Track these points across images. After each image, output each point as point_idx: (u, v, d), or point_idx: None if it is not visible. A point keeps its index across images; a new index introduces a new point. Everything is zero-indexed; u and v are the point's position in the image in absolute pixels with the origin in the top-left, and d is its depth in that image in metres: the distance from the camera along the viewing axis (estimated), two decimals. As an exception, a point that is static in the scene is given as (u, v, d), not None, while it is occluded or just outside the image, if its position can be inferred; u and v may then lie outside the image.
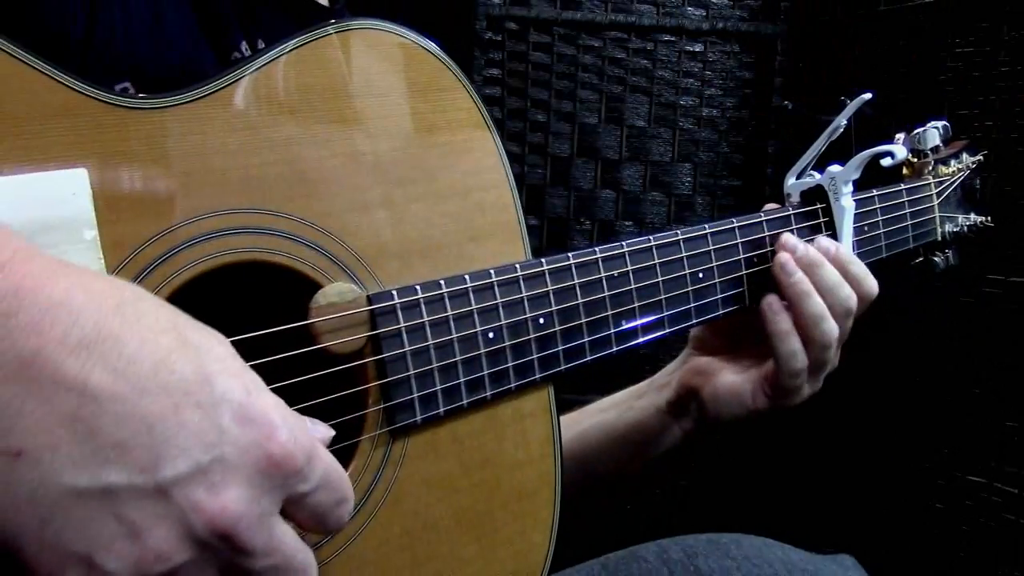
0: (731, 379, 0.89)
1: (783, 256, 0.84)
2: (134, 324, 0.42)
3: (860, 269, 0.87)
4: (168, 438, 0.41)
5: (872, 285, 0.87)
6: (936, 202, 1.03)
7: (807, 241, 0.86)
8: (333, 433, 0.53)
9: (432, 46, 0.69)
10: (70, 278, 0.41)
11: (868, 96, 0.88)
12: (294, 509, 0.47)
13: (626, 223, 1.82)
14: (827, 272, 0.84)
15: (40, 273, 0.40)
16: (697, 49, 1.80)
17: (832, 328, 0.83)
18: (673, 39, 1.79)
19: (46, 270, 0.41)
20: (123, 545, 0.40)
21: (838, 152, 0.91)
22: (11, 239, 0.41)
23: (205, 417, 0.42)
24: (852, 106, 0.88)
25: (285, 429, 0.45)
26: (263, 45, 0.77)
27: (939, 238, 1.04)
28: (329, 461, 0.49)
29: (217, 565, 0.43)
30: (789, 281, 0.83)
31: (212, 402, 0.42)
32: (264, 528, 0.44)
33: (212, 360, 0.43)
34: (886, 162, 0.91)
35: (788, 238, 0.85)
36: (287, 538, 0.46)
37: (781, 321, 0.83)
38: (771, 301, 0.84)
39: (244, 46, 0.76)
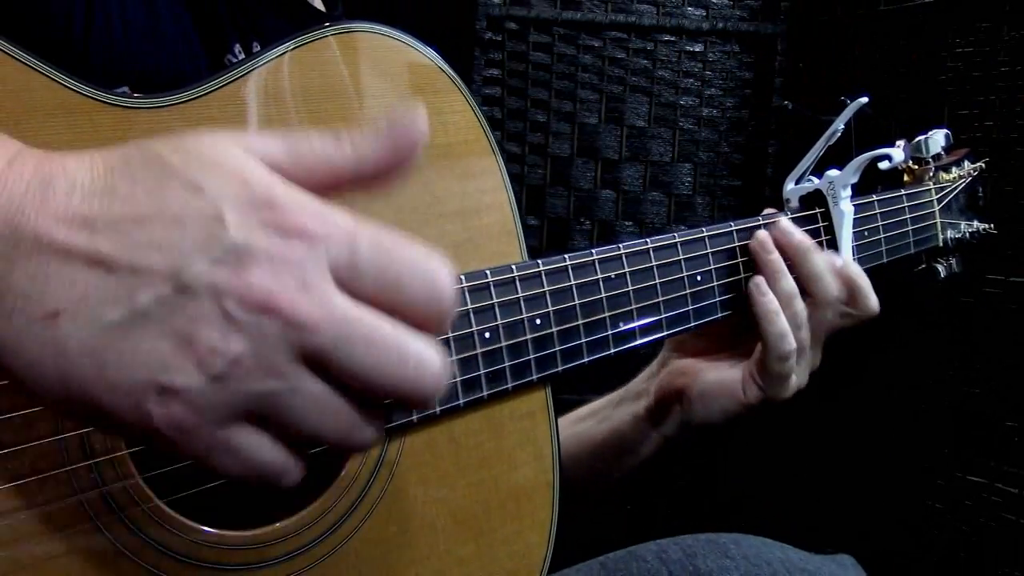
0: (719, 375, 0.88)
1: (762, 233, 0.85)
2: (123, 167, 0.43)
3: (866, 284, 0.87)
4: (176, 246, 0.41)
5: (872, 303, 0.87)
6: (937, 208, 1.03)
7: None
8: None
9: (428, 50, 0.69)
10: (66, 154, 0.44)
11: (864, 100, 0.88)
12: (355, 283, 0.43)
13: (626, 223, 1.82)
14: (814, 260, 0.84)
15: (40, 158, 0.43)
16: (697, 49, 1.80)
17: (802, 310, 0.84)
18: (673, 39, 1.79)
19: (45, 155, 0.44)
20: (178, 357, 0.41)
21: (838, 156, 0.91)
22: (12, 141, 0.44)
23: (206, 218, 0.42)
24: (848, 110, 0.88)
25: (291, 198, 0.43)
26: (258, 49, 0.77)
27: (941, 244, 1.04)
28: (364, 225, 0.44)
29: (282, 348, 0.42)
30: (766, 258, 0.84)
31: (209, 205, 0.42)
32: (311, 298, 0.42)
33: (198, 172, 0.43)
34: (884, 165, 0.91)
35: (786, 224, 0.86)
36: (357, 310, 0.43)
37: (768, 302, 0.83)
38: (758, 282, 0.84)
39: (238, 49, 0.76)
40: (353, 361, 0.43)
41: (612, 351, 0.76)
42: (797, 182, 0.92)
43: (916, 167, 1.03)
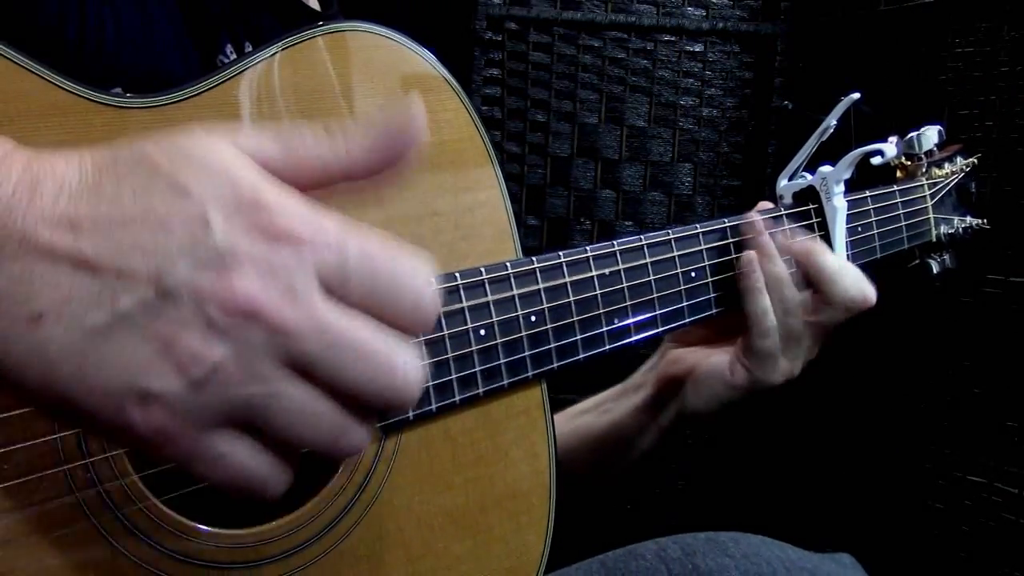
0: (711, 360, 0.89)
1: (754, 215, 0.86)
2: (108, 171, 0.43)
3: (858, 275, 0.88)
4: (160, 250, 0.41)
5: (870, 293, 0.88)
6: (930, 203, 1.03)
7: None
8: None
9: (421, 49, 0.70)
10: (56, 154, 0.43)
11: (856, 96, 0.88)
12: (342, 289, 0.43)
13: (626, 223, 1.82)
14: (822, 261, 0.85)
15: (30, 158, 0.43)
16: (697, 49, 1.80)
17: (794, 296, 0.84)
18: (673, 39, 1.79)
19: (35, 154, 0.43)
20: (159, 361, 0.40)
21: (839, 154, 0.91)
22: (2, 140, 0.44)
23: (191, 221, 0.41)
24: (840, 107, 0.88)
25: (278, 203, 0.43)
26: (250, 49, 0.77)
27: (934, 239, 1.04)
28: (353, 231, 0.44)
29: (265, 354, 0.41)
30: (758, 240, 0.85)
31: (193, 207, 0.42)
32: (298, 303, 0.41)
33: (184, 174, 0.43)
34: (876, 160, 0.91)
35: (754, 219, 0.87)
36: (344, 317, 0.43)
37: (756, 279, 0.84)
38: (751, 257, 0.85)
39: (229, 49, 0.76)
40: (340, 368, 0.42)
41: (607, 348, 0.77)
42: (790, 178, 0.93)
43: (909, 163, 1.03)
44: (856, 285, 0.86)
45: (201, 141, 0.44)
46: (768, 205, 0.92)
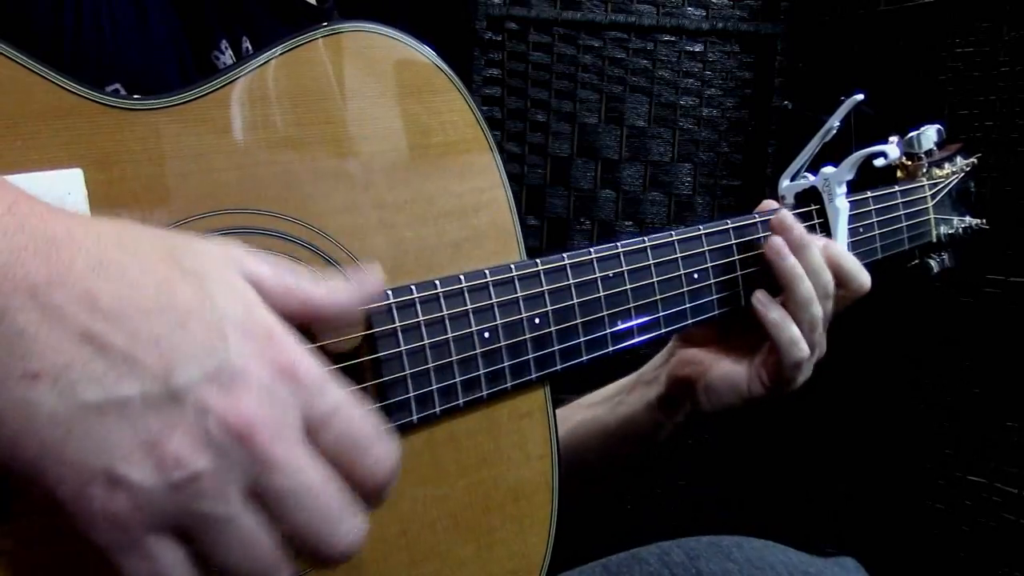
0: (726, 368, 0.88)
1: (777, 241, 0.84)
2: (134, 253, 0.43)
3: (852, 263, 0.87)
4: (176, 348, 0.42)
5: (864, 280, 0.87)
6: (930, 204, 1.03)
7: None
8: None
9: (425, 48, 0.69)
10: (71, 217, 0.44)
11: (860, 97, 0.88)
12: (319, 436, 0.46)
13: (626, 223, 1.82)
14: (812, 254, 0.84)
15: (43, 213, 0.43)
16: (697, 49, 1.80)
17: (819, 311, 0.83)
18: (673, 39, 1.79)
19: (48, 210, 0.43)
20: (143, 454, 0.41)
21: (838, 154, 0.91)
22: (10, 186, 0.44)
23: (210, 330, 0.43)
24: (844, 107, 0.88)
25: (290, 342, 0.46)
26: (248, 45, 0.77)
27: (934, 240, 1.04)
28: (346, 391, 0.48)
29: (240, 478, 0.43)
30: (784, 264, 0.83)
31: (215, 318, 0.43)
32: (284, 439, 0.43)
33: (212, 282, 0.44)
34: (879, 162, 0.91)
35: (784, 216, 0.85)
36: (316, 464, 0.45)
37: (773, 311, 0.83)
38: (759, 296, 0.84)
39: (225, 45, 0.76)
40: (296, 510, 0.44)
41: (610, 350, 0.76)
42: (793, 179, 0.93)
43: (909, 163, 1.03)
44: (863, 275, 0.86)
45: (220, 258, 0.46)
46: (772, 204, 0.92)
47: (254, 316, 0.45)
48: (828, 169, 0.90)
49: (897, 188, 1.00)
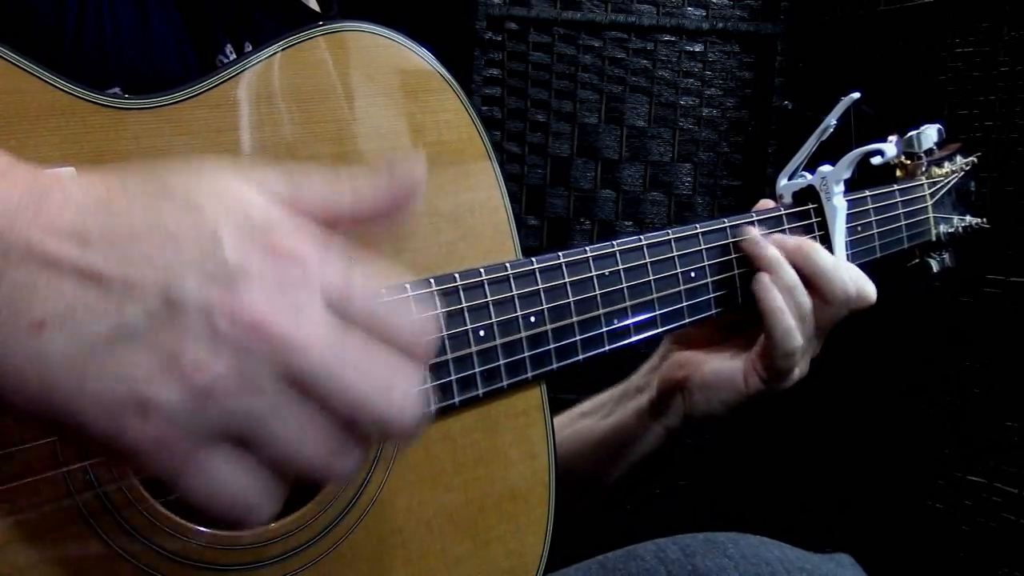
0: (720, 365, 0.88)
1: (752, 230, 0.85)
2: (121, 188, 0.43)
3: (856, 274, 0.87)
4: (171, 262, 0.41)
5: (869, 291, 0.87)
6: (930, 203, 1.03)
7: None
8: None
9: (420, 48, 0.69)
10: (61, 172, 0.44)
11: (856, 96, 0.88)
12: (346, 309, 0.44)
13: (626, 223, 1.82)
14: (817, 259, 0.84)
15: (33, 171, 0.43)
16: (697, 49, 1.80)
17: (806, 300, 0.83)
18: (673, 39, 1.79)
19: (34, 168, 0.44)
20: (163, 372, 0.41)
21: (839, 154, 0.91)
22: (2, 154, 0.44)
23: (202, 236, 0.42)
24: (841, 106, 0.88)
25: (288, 226, 0.44)
26: (250, 49, 0.77)
27: (934, 239, 1.04)
28: (356, 268, 0.45)
29: (268, 369, 0.42)
30: (761, 253, 0.84)
31: (207, 224, 0.42)
32: (305, 320, 0.42)
33: (198, 194, 0.44)
34: (876, 160, 0.91)
35: (780, 236, 0.86)
36: (348, 337, 0.43)
37: (774, 299, 0.82)
38: (763, 279, 0.83)
39: (229, 49, 0.76)
40: (339, 386, 0.43)
41: (607, 348, 0.76)
42: (790, 178, 0.93)
43: (909, 162, 1.03)
44: (853, 282, 0.86)
45: (213, 170, 0.45)
46: (769, 203, 0.92)
47: (247, 209, 0.44)
48: (825, 168, 0.90)
49: (896, 187, 1.00)
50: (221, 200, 0.44)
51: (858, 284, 0.86)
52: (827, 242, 0.91)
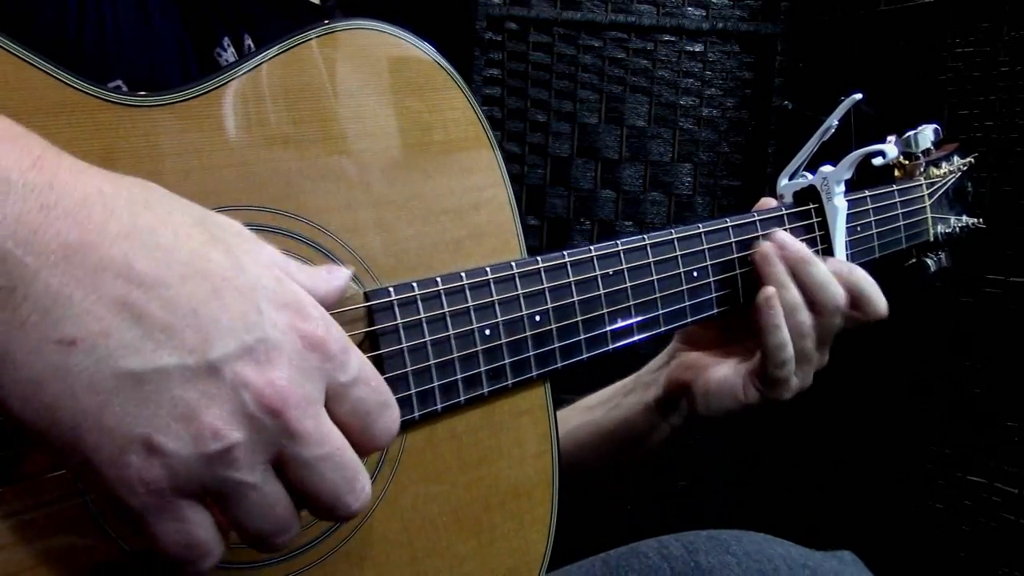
0: (722, 373, 0.88)
1: (765, 246, 0.84)
2: (165, 218, 0.44)
3: (871, 288, 0.87)
4: (214, 320, 0.43)
5: (881, 305, 0.87)
6: (928, 203, 1.03)
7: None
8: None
9: (426, 46, 0.69)
10: (99, 174, 0.44)
11: (858, 96, 0.89)
12: (337, 404, 0.48)
13: (626, 223, 1.82)
14: (815, 270, 0.84)
15: (71, 167, 0.43)
16: (697, 49, 1.80)
17: (806, 320, 0.83)
18: (673, 39, 1.79)
19: (75, 166, 0.43)
20: (180, 424, 0.42)
21: (838, 154, 0.91)
22: (36, 138, 0.43)
23: (244, 300, 0.44)
24: (843, 107, 0.88)
25: (318, 313, 0.47)
26: (250, 43, 0.77)
27: (931, 239, 1.04)
28: (364, 359, 0.50)
29: (270, 449, 0.44)
30: (772, 271, 0.83)
31: (248, 287, 0.44)
32: (312, 413, 0.45)
33: (241, 251, 0.45)
34: (877, 161, 0.91)
35: (782, 235, 0.86)
36: (335, 433, 0.47)
37: (774, 315, 0.82)
38: (769, 295, 0.83)
39: (227, 42, 0.76)
40: (317, 477, 0.46)
41: (610, 347, 0.76)
42: (791, 178, 0.93)
43: (907, 162, 1.03)
44: (841, 291, 0.85)
45: (241, 228, 0.48)
46: (771, 203, 0.92)
47: (284, 286, 0.46)
48: (826, 168, 0.91)
49: (895, 187, 1.00)
50: (261, 264, 0.46)
51: (857, 293, 0.86)
52: (827, 242, 0.91)
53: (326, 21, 0.65)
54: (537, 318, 0.72)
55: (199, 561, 0.46)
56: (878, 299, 0.87)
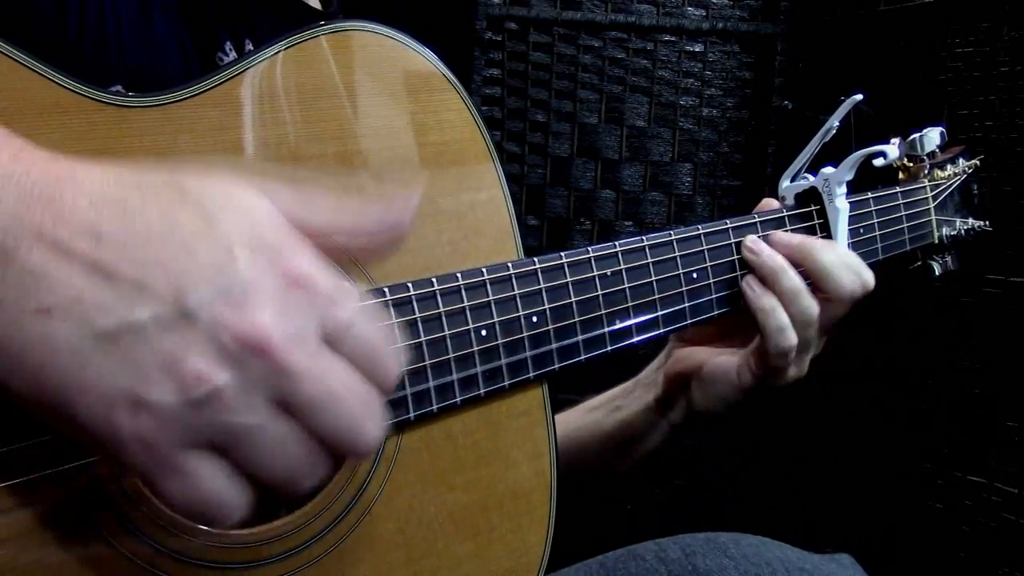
0: (717, 361, 0.89)
1: (749, 238, 0.85)
2: (135, 186, 0.44)
3: (854, 261, 0.87)
4: (185, 271, 0.42)
5: (868, 278, 0.87)
6: (932, 205, 1.03)
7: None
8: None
9: (423, 48, 0.69)
10: (74, 160, 0.45)
11: (859, 97, 0.88)
12: (338, 343, 0.47)
13: (626, 223, 1.82)
14: (820, 258, 0.84)
15: (46, 157, 0.44)
16: (697, 49, 1.80)
17: (811, 305, 0.83)
18: (673, 39, 1.79)
19: (51, 156, 0.45)
20: (161, 375, 0.42)
21: (839, 155, 0.91)
22: (16, 136, 0.45)
23: (216, 249, 0.43)
24: (843, 107, 0.88)
25: (304, 253, 0.46)
26: (251, 47, 0.77)
27: (936, 241, 1.04)
28: (362, 296, 0.49)
29: (263, 389, 0.44)
30: (758, 261, 0.84)
31: (220, 236, 0.44)
32: (303, 348, 0.44)
33: (214, 206, 0.45)
34: (878, 162, 0.91)
35: (781, 235, 0.86)
36: (337, 367, 0.46)
37: (758, 298, 0.83)
38: (750, 280, 0.84)
39: (229, 47, 0.76)
40: (324, 414, 0.45)
41: (609, 349, 0.76)
42: (792, 179, 0.93)
43: (911, 164, 1.03)
44: (854, 275, 0.86)
45: (226, 179, 0.47)
46: (774, 203, 0.92)
47: (261, 231, 0.45)
48: (828, 169, 0.90)
49: (898, 189, 1.00)
50: (235, 214, 0.45)
51: (857, 275, 0.86)
52: None
53: (323, 22, 0.65)
54: (534, 319, 0.71)
55: (216, 513, 0.45)
56: (863, 271, 0.87)
